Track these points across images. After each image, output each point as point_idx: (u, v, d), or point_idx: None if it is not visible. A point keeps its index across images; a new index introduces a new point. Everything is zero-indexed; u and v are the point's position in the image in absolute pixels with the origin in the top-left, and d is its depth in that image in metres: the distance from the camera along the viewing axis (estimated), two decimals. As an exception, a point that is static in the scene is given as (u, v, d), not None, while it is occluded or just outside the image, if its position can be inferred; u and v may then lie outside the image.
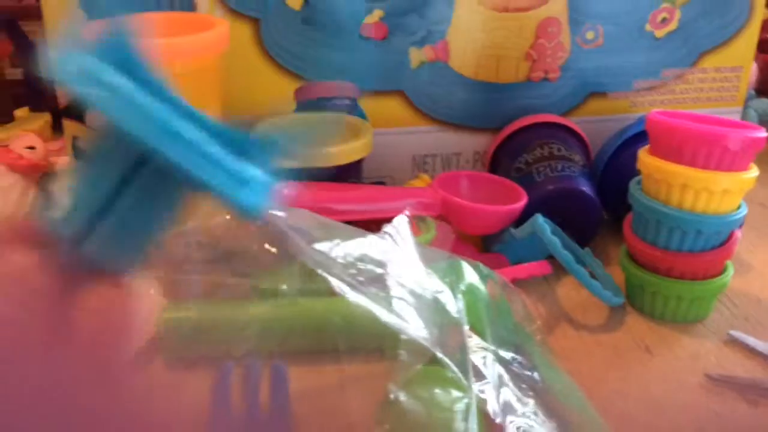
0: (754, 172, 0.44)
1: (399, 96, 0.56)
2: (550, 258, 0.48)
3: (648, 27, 0.58)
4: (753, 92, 0.81)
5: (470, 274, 0.39)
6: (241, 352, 0.36)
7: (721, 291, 0.47)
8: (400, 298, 0.32)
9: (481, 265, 0.39)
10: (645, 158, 0.46)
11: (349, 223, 0.47)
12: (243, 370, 0.34)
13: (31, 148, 0.60)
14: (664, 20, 0.58)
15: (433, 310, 0.33)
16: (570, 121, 0.58)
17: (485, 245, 0.52)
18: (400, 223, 0.36)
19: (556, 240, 0.46)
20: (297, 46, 0.53)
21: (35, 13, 0.65)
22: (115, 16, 0.25)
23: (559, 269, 0.48)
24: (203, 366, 0.36)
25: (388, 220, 0.49)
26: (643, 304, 0.48)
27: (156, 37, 0.44)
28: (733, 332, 0.45)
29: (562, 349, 0.44)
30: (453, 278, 0.37)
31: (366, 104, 0.56)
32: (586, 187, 0.52)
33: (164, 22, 0.46)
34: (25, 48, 0.69)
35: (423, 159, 0.59)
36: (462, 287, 0.37)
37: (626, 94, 0.60)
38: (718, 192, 0.43)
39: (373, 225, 0.47)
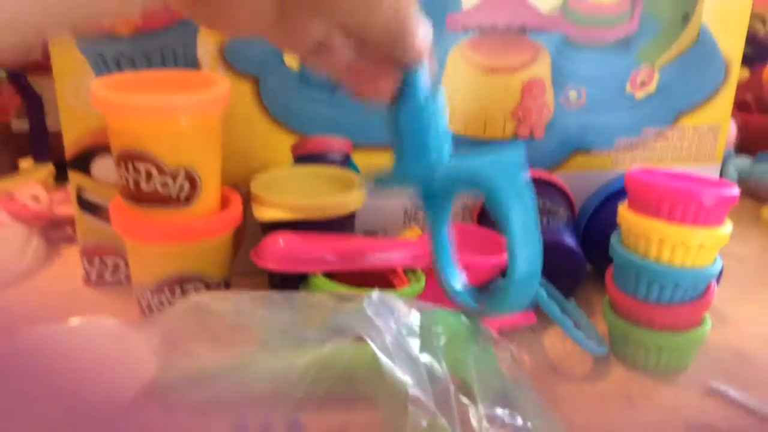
0: (728, 227, 0.47)
1: (391, 151, 0.59)
2: (537, 308, 0.50)
3: (628, 88, 0.61)
4: (733, 150, 0.84)
5: (458, 325, 0.40)
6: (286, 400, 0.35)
7: (700, 342, 0.48)
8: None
9: (469, 316, 0.41)
10: (624, 213, 0.48)
11: (343, 273, 0.49)
12: (260, 422, 0.35)
13: (36, 198, 0.62)
14: (643, 82, 0.61)
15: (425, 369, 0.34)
16: (555, 177, 0.60)
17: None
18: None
19: (541, 291, 0.47)
20: (294, 103, 0.55)
21: (43, 68, 0.68)
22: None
23: (545, 319, 0.50)
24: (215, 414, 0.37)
25: (380, 270, 0.51)
26: (625, 354, 0.49)
27: (162, 93, 0.46)
28: (713, 383, 0.47)
29: (548, 398, 0.45)
30: (440, 329, 0.39)
31: (359, 158, 0.58)
32: (570, 240, 0.54)
33: (170, 80, 0.49)
34: (32, 101, 0.72)
35: (414, 212, 0.61)
36: (449, 338, 0.38)
37: (608, 151, 0.63)
38: (694, 246, 0.45)
39: (366, 275, 0.50)
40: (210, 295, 0.36)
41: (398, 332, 0.34)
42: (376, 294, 0.37)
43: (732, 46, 0.63)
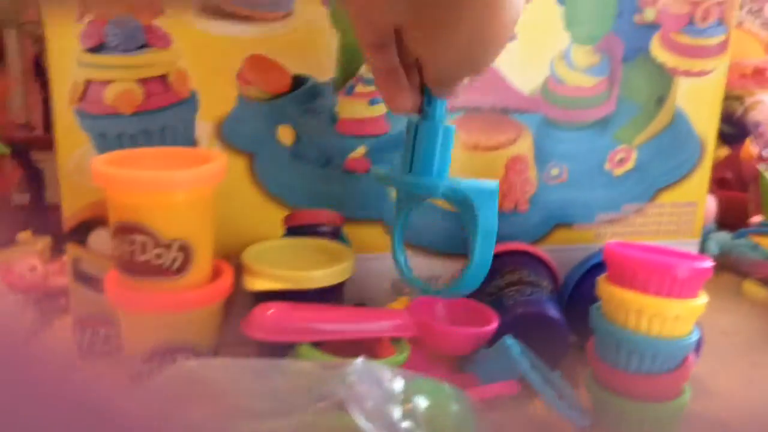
0: (703, 299, 0.48)
1: (380, 224, 0.61)
2: (520, 378, 0.50)
3: (607, 166, 0.64)
4: (714, 225, 0.87)
5: (440, 393, 0.41)
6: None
7: (680, 412, 0.49)
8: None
9: (449, 386, 0.42)
10: (603, 285, 0.50)
11: (330, 342, 0.50)
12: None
13: (32, 269, 0.64)
14: (621, 160, 0.64)
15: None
16: (539, 250, 0.62)
17: (458, 365, 0.55)
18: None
19: (524, 360, 0.49)
20: (287, 177, 0.58)
21: (45, 144, 0.71)
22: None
23: (529, 390, 0.51)
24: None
25: (366, 340, 0.52)
26: (609, 425, 0.50)
27: (160, 169, 0.49)
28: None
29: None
30: (422, 397, 0.39)
31: (349, 231, 0.60)
32: (553, 311, 0.55)
33: (168, 156, 0.51)
34: (33, 175, 0.74)
35: (402, 283, 0.63)
36: (431, 406, 0.39)
37: (590, 225, 0.65)
38: (670, 317, 0.47)
39: (353, 345, 0.51)
40: (197, 361, 0.37)
41: (381, 399, 0.35)
42: (360, 361, 0.38)
43: (706, 126, 0.66)
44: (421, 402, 0.39)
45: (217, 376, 0.35)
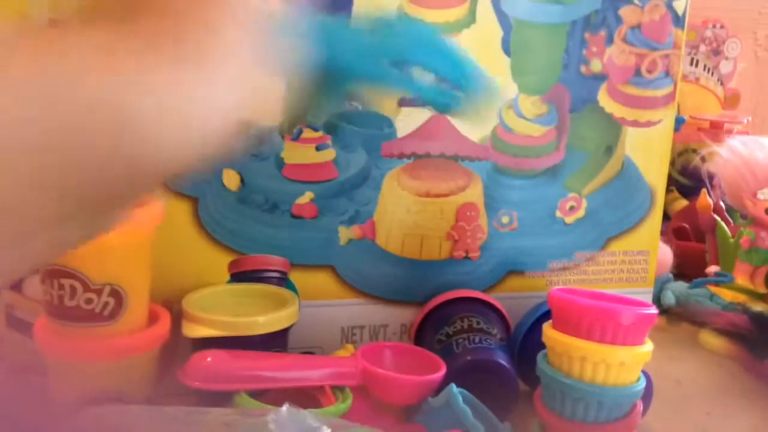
0: (648, 346, 0.48)
1: (328, 270, 0.60)
2: (468, 430, 0.49)
3: (558, 214, 0.64)
4: (671, 275, 0.87)
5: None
6: None
7: (629, 463, 0.48)
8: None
9: None
10: (548, 332, 0.49)
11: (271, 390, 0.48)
12: None
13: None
14: (572, 208, 0.64)
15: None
16: (490, 297, 0.62)
17: (405, 416, 0.54)
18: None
19: (467, 409, 0.47)
20: (232, 222, 0.57)
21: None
22: None
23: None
24: None
25: (309, 387, 0.50)
26: (556, 477, 0.49)
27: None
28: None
29: None
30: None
31: (296, 277, 0.59)
32: (501, 359, 0.54)
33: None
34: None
35: (351, 330, 0.61)
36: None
37: (542, 273, 0.64)
38: (615, 364, 0.46)
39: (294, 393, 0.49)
40: (109, 409, 0.35)
41: None
42: (284, 408, 0.37)
43: (656, 175, 0.66)
44: None
45: (130, 423, 0.34)
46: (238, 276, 0.58)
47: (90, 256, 0.45)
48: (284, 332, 0.54)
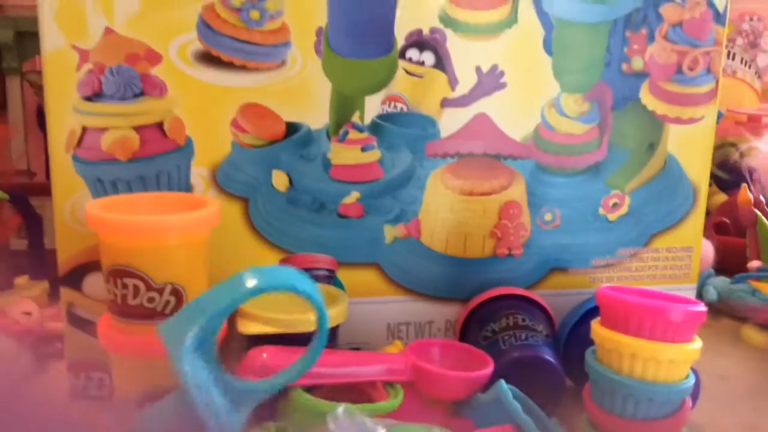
0: (697, 343, 0.48)
1: (374, 268, 0.61)
2: (517, 424, 0.50)
3: (601, 211, 0.64)
4: (712, 270, 0.87)
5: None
6: None
7: (678, 458, 0.49)
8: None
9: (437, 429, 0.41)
10: (597, 329, 0.49)
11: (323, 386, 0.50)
12: None
13: (28, 313, 0.64)
14: (615, 205, 0.64)
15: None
16: (534, 294, 0.62)
17: (454, 410, 0.54)
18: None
19: (517, 405, 0.48)
20: (281, 222, 0.58)
21: (44, 190, 0.72)
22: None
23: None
24: None
25: (360, 384, 0.51)
26: (605, 471, 0.49)
27: (154, 213, 0.49)
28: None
29: None
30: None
31: (343, 275, 0.60)
32: (548, 355, 0.55)
33: (163, 202, 0.51)
34: (32, 221, 0.75)
35: (397, 327, 0.62)
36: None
37: (585, 270, 0.65)
38: (664, 361, 0.47)
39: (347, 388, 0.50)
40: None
41: None
42: (341, 409, 0.38)
43: (699, 172, 0.66)
44: None
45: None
46: (287, 275, 0.59)
47: (152, 256, 0.46)
48: (334, 329, 0.55)
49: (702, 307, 0.48)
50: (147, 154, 0.54)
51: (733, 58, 1.24)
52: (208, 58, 0.54)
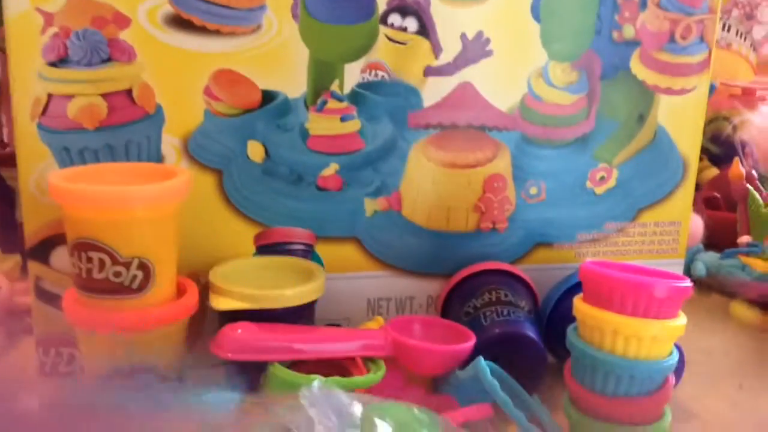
0: (682, 320, 0.47)
1: (354, 242, 0.59)
2: (494, 401, 0.49)
3: (588, 184, 0.63)
4: (701, 245, 0.86)
5: (407, 418, 0.40)
6: None
7: (660, 437, 0.47)
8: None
9: (419, 409, 0.40)
10: (579, 305, 0.48)
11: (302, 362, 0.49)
12: None
13: (-3, 287, 0.62)
14: (602, 178, 0.63)
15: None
16: (517, 269, 0.61)
17: (435, 387, 0.53)
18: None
19: (494, 382, 0.47)
20: (257, 195, 0.56)
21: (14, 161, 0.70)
22: None
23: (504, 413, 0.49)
24: None
25: (340, 359, 0.50)
26: (586, 450, 0.48)
27: (121, 184, 0.47)
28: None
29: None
30: (386, 424, 0.38)
31: (322, 250, 0.59)
32: (530, 331, 0.54)
33: (131, 172, 0.50)
34: (3, 193, 0.73)
35: (377, 302, 0.61)
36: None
37: (571, 244, 0.63)
38: (647, 338, 0.45)
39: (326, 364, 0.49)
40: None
41: (336, 424, 0.34)
42: (316, 383, 0.36)
43: (689, 144, 0.65)
44: (384, 428, 0.37)
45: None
46: (264, 248, 0.58)
47: (118, 229, 0.45)
48: (311, 305, 0.53)
49: (687, 283, 0.47)
50: (115, 122, 0.52)
51: (728, 30, 1.21)
52: (179, 22, 0.52)
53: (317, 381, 0.37)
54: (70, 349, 0.56)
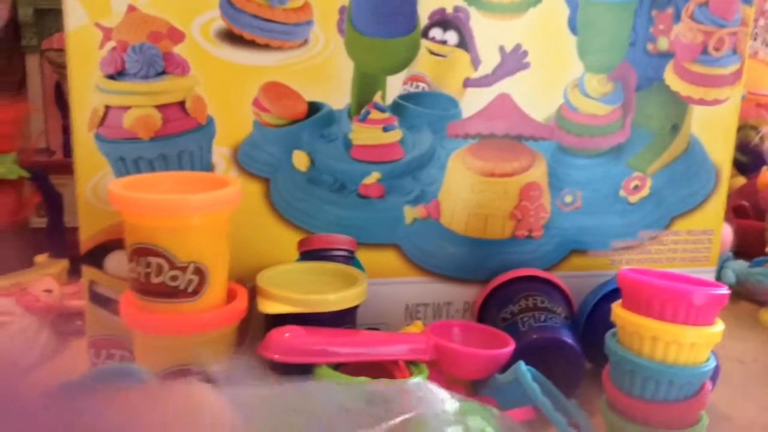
0: (719, 326, 0.48)
1: (394, 249, 0.61)
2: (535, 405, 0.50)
3: (622, 193, 0.64)
4: (731, 253, 0.86)
5: (488, 416, 0.41)
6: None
7: (698, 441, 0.49)
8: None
9: (494, 408, 0.42)
10: (618, 311, 0.49)
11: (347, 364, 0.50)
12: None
13: (49, 291, 0.64)
14: (636, 187, 0.64)
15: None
16: (553, 276, 0.62)
17: (474, 390, 0.55)
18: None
19: (535, 386, 0.48)
20: (301, 202, 0.58)
21: (63, 168, 0.72)
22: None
23: (545, 417, 0.50)
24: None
25: (384, 363, 0.52)
26: (624, 453, 0.49)
27: (177, 193, 0.49)
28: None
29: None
30: (476, 420, 0.39)
31: (363, 256, 0.60)
32: (567, 337, 0.55)
33: (185, 181, 0.52)
34: (52, 200, 0.75)
35: (415, 308, 0.63)
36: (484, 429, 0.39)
37: (605, 252, 0.65)
38: (686, 344, 0.47)
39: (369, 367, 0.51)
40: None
41: (439, 420, 0.36)
42: (417, 381, 0.39)
43: (721, 154, 0.66)
44: (475, 423, 0.39)
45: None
46: (307, 254, 0.59)
47: (176, 235, 0.47)
48: (353, 309, 0.55)
49: (724, 290, 0.48)
50: (169, 132, 0.54)
51: (755, 39, 1.22)
52: (230, 37, 0.54)
53: (418, 377, 0.39)
54: (121, 351, 0.58)
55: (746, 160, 1.06)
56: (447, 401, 0.38)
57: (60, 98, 0.93)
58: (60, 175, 0.75)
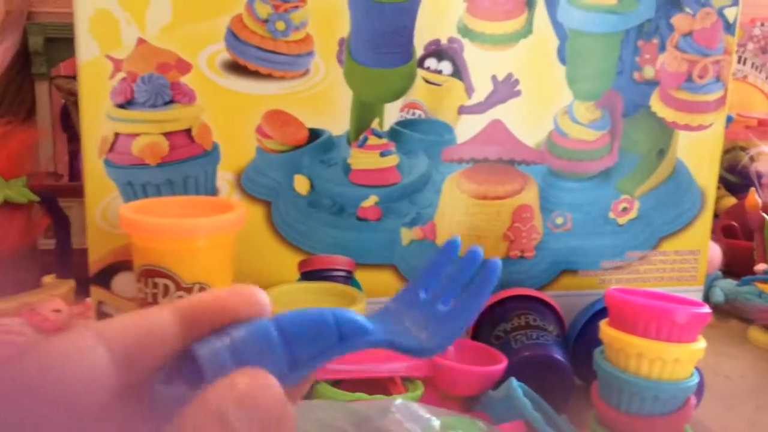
0: (702, 343, 0.50)
1: (391, 269, 0.63)
2: (528, 421, 0.52)
3: (611, 215, 0.66)
4: (720, 273, 0.88)
5: (467, 430, 0.43)
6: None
7: (682, 454, 0.51)
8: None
9: (482, 422, 0.44)
10: (605, 329, 0.52)
11: (344, 380, 0.52)
12: None
13: (57, 311, 0.66)
14: (624, 209, 0.66)
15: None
16: (545, 295, 0.64)
17: (468, 407, 0.57)
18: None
19: (527, 402, 0.50)
20: (302, 225, 0.61)
21: (71, 192, 0.74)
22: None
23: None
24: None
25: (380, 379, 0.54)
26: (613, 466, 0.51)
27: (183, 216, 0.52)
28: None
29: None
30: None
31: (361, 276, 0.63)
32: (558, 354, 0.57)
33: (190, 205, 0.54)
34: (60, 222, 0.77)
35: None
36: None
37: (595, 272, 0.67)
38: (670, 361, 0.49)
39: (366, 383, 0.53)
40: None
41: None
42: (399, 401, 0.40)
43: (707, 178, 0.68)
44: None
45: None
46: (307, 275, 0.62)
47: (182, 257, 0.49)
48: (353, 328, 0.57)
49: (706, 309, 0.50)
50: (175, 159, 0.57)
51: (744, 63, 1.25)
52: (235, 67, 0.57)
53: (399, 398, 0.41)
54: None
55: (736, 180, 1.09)
56: (431, 419, 0.40)
57: (66, 122, 0.96)
58: (66, 198, 0.77)
